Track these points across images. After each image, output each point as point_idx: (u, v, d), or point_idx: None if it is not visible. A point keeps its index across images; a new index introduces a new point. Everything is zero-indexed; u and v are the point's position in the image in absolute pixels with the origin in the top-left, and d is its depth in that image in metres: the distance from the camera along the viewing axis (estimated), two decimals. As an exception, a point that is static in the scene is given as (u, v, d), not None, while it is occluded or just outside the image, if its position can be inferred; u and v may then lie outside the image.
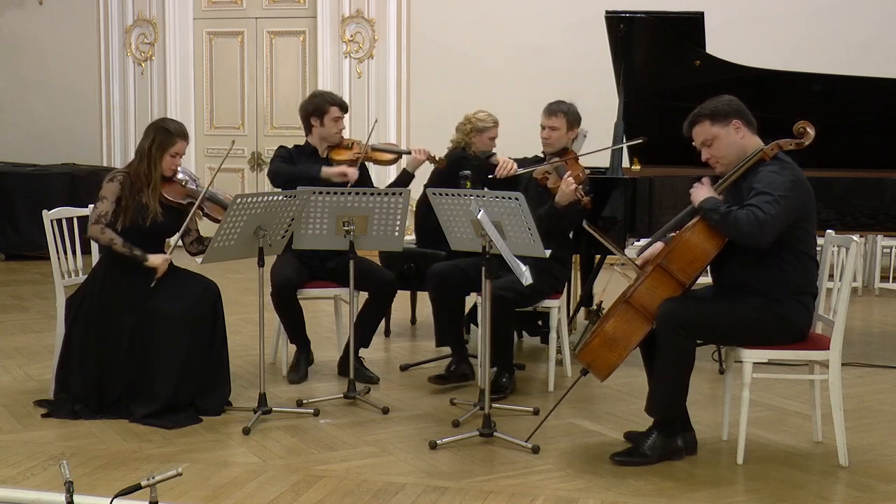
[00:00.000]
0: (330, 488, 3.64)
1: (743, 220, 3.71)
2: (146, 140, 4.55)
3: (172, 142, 4.53)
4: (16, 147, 10.82)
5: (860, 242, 4.03)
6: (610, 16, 5.84)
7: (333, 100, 5.31)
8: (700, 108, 3.99)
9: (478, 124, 6.03)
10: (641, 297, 3.89)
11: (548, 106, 5.13)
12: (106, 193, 4.49)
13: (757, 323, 3.86)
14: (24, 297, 7.66)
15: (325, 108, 5.25)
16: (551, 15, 9.42)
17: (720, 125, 3.92)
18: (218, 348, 4.56)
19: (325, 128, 5.27)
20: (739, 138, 3.92)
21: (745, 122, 3.94)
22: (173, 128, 4.59)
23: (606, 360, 3.91)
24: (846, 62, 7.69)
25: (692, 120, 3.99)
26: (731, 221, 3.74)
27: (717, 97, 4.00)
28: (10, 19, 10.93)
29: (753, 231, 3.70)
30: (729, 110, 3.93)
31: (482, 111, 6.12)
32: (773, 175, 3.80)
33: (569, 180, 4.78)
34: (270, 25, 10.38)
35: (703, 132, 3.96)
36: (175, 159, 4.56)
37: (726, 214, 3.76)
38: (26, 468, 3.82)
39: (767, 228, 3.70)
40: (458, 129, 6.15)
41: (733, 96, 4.01)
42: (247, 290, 7.46)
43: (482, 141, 6.04)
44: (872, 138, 5.91)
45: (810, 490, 3.68)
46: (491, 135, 6.06)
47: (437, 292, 4.99)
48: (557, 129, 5.07)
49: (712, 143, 3.94)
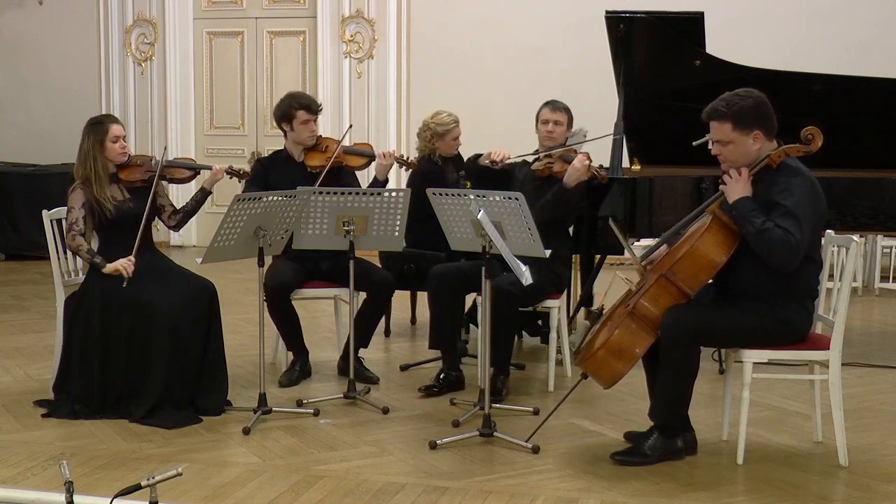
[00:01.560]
0: (330, 488, 3.64)
1: (779, 242, 3.63)
2: (82, 142, 4.63)
3: (105, 129, 4.59)
4: (16, 147, 10.82)
5: (860, 242, 4.02)
6: (610, 16, 5.83)
7: (300, 102, 5.13)
8: (728, 103, 3.81)
9: (437, 129, 5.89)
10: (645, 309, 3.83)
11: (550, 102, 5.15)
12: (72, 204, 4.55)
13: (760, 328, 3.83)
14: (24, 297, 7.66)
15: (292, 114, 5.11)
16: (551, 15, 9.42)
17: (740, 132, 3.80)
18: (215, 348, 4.57)
19: (296, 132, 5.15)
20: (755, 148, 3.82)
21: (766, 132, 3.82)
22: (99, 117, 4.70)
23: (611, 370, 3.85)
24: (846, 62, 7.69)
25: (714, 114, 3.84)
26: (766, 240, 3.65)
27: (747, 93, 3.84)
28: (10, 19, 10.93)
29: (787, 257, 3.64)
30: (753, 120, 3.79)
31: (440, 112, 5.98)
32: (800, 191, 3.71)
33: (581, 157, 4.81)
34: (270, 25, 10.38)
35: (721, 132, 3.84)
36: (117, 144, 4.60)
37: (763, 231, 3.66)
38: (26, 468, 3.82)
39: (799, 254, 3.66)
40: (419, 135, 6.03)
41: (762, 94, 3.85)
42: (247, 290, 7.46)
43: (446, 144, 5.91)
44: (872, 138, 5.91)
45: (810, 490, 3.68)
46: (453, 135, 5.92)
47: (436, 293, 4.98)
48: (561, 123, 5.10)
49: (727, 145, 3.84)
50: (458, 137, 5.99)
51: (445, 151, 5.96)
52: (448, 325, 4.99)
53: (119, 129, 4.64)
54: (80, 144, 4.64)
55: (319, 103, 5.25)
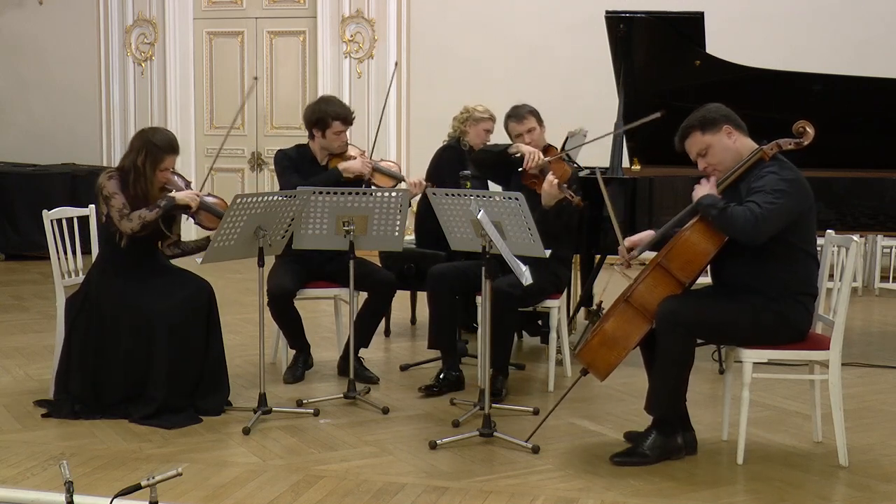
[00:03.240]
0: (330, 488, 3.64)
1: (739, 216, 3.72)
2: (137, 155, 4.48)
3: (162, 159, 4.50)
4: (16, 147, 10.81)
5: (860, 242, 4.02)
6: (610, 16, 5.83)
7: (337, 114, 5.12)
8: (687, 120, 4.00)
9: (474, 114, 6.07)
10: (641, 297, 3.89)
11: (513, 113, 5.03)
12: (113, 189, 4.45)
13: (756, 322, 3.86)
14: (24, 297, 7.66)
15: (327, 123, 5.11)
16: (551, 15, 9.41)
17: (711, 133, 3.93)
18: (215, 348, 4.57)
19: (327, 140, 5.16)
20: (732, 143, 3.93)
21: (735, 125, 3.95)
22: (162, 143, 4.51)
23: (606, 359, 3.91)
24: (846, 62, 7.68)
25: (683, 134, 4.00)
26: (727, 217, 3.75)
27: (702, 107, 4.00)
28: (10, 19, 10.92)
29: (749, 227, 3.71)
30: (717, 117, 3.94)
31: (482, 105, 6.15)
32: (772, 174, 3.82)
33: (550, 179, 4.69)
34: (270, 25, 10.37)
35: (695, 143, 3.97)
36: (166, 173, 4.55)
37: (723, 210, 3.77)
38: (26, 468, 3.82)
39: (764, 225, 3.71)
40: (456, 118, 6.19)
41: (718, 103, 4.01)
42: (247, 290, 7.46)
43: (477, 132, 6.06)
44: (872, 138, 5.91)
45: (810, 490, 3.68)
46: (486, 127, 6.08)
47: (436, 293, 4.97)
48: (535, 128, 5.01)
49: (707, 151, 3.95)
50: (489, 132, 6.11)
51: (473, 140, 6.08)
52: (447, 324, 4.99)
53: (172, 162, 4.55)
54: (132, 151, 4.51)
55: (353, 112, 5.25)
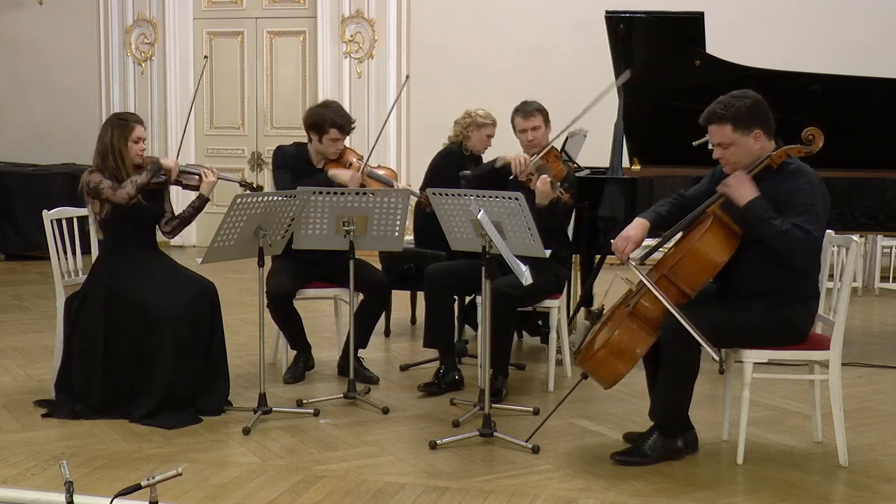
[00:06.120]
0: (330, 488, 3.64)
1: (802, 244, 3.64)
2: (106, 133, 4.55)
3: (131, 128, 4.55)
4: (16, 147, 10.82)
5: (860, 242, 4.02)
6: (610, 16, 5.83)
7: (335, 121, 5.09)
8: (725, 105, 3.80)
9: (477, 119, 6.06)
10: (646, 309, 3.83)
11: (521, 109, 5.04)
12: (97, 179, 4.48)
13: (762, 328, 3.83)
14: (24, 297, 7.66)
15: (324, 129, 5.09)
16: (551, 15, 9.42)
17: (741, 133, 3.79)
18: (216, 348, 4.57)
19: (323, 145, 5.15)
20: (756, 148, 3.81)
21: (766, 129, 3.82)
22: (126, 116, 4.65)
23: (612, 370, 3.85)
24: (846, 62, 7.69)
25: (712, 118, 3.82)
26: (788, 241, 3.65)
27: (744, 94, 3.83)
28: (10, 19, 10.93)
29: (809, 257, 3.69)
30: (752, 119, 3.79)
31: (484, 109, 6.14)
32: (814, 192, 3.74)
33: (543, 178, 4.69)
34: (270, 25, 10.38)
35: (722, 134, 3.82)
36: (139, 145, 4.58)
37: (785, 233, 3.64)
38: (26, 468, 3.82)
39: (818, 254, 3.72)
40: (458, 122, 6.18)
41: (758, 94, 3.85)
42: (247, 290, 7.46)
43: (479, 137, 6.07)
44: (872, 138, 5.90)
45: (810, 490, 3.68)
46: (488, 132, 6.08)
47: (431, 292, 4.97)
48: (539, 127, 5.01)
49: (728, 146, 3.82)
50: (490, 138, 6.12)
51: (475, 145, 6.09)
52: (442, 323, 4.98)
53: (142, 131, 4.61)
54: (101, 137, 4.57)
55: (353, 122, 5.23)
